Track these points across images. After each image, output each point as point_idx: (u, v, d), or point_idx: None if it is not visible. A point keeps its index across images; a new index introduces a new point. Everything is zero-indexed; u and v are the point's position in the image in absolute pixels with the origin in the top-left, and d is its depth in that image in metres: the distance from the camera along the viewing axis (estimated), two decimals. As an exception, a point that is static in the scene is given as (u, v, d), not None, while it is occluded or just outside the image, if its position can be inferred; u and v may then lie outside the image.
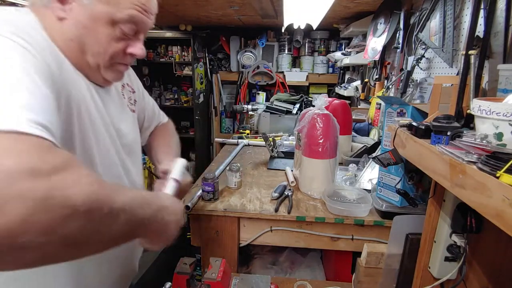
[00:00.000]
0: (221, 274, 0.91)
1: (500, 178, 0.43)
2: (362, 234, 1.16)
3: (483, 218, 0.57)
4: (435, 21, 1.41)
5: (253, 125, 2.80)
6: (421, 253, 0.87)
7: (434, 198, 0.81)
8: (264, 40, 3.71)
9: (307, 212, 1.16)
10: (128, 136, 0.80)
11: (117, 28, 0.64)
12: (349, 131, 1.81)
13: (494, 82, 0.95)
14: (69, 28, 0.61)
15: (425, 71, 1.56)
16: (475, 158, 0.52)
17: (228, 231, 1.18)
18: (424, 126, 0.72)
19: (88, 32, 0.62)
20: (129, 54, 0.69)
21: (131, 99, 0.88)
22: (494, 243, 0.72)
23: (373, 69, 2.33)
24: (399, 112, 1.12)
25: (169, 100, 4.17)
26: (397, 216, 0.94)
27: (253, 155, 1.92)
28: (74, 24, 0.61)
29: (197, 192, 1.24)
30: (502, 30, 0.92)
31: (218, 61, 4.04)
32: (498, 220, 0.43)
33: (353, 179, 1.41)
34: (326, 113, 1.29)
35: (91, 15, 0.61)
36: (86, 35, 0.62)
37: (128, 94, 0.86)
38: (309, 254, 1.49)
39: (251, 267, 1.45)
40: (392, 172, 1.07)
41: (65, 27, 0.61)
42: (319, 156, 1.27)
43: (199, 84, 3.83)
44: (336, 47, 3.70)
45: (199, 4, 2.36)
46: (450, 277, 0.80)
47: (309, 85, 3.94)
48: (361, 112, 2.52)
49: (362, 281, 1.04)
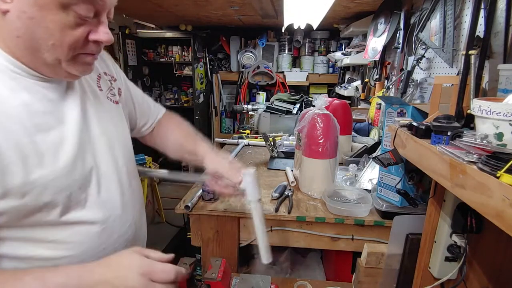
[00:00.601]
0: (221, 274, 0.91)
1: (500, 178, 0.43)
2: (362, 234, 1.16)
3: (483, 218, 0.57)
4: (435, 21, 1.41)
5: (253, 125, 2.80)
6: (421, 253, 0.87)
7: (434, 198, 0.81)
8: (264, 40, 3.71)
9: (307, 212, 1.16)
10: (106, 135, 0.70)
11: (71, 11, 0.52)
12: (349, 131, 1.81)
13: (494, 82, 0.95)
14: (13, 23, 0.51)
15: (425, 71, 1.56)
16: (475, 158, 0.52)
17: (228, 231, 1.18)
18: (424, 126, 0.72)
19: (36, 23, 0.51)
20: (92, 41, 0.58)
21: (113, 89, 0.77)
22: (494, 243, 0.72)
23: (373, 69, 2.33)
24: (399, 112, 1.12)
25: (169, 100, 4.17)
26: (397, 216, 0.94)
27: (253, 155, 1.92)
28: (18, 16, 0.51)
29: (197, 192, 1.24)
30: (502, 30, 0.92)
31: (218, 61, 4.04)
32: (498, 220, 0.43)
33: (353, 179, 1.41)
34: (326, 113, 1.29)
35: (36, 1, 0.50)
36: (35, 27, 0.52)
37: (107, 84, 0.76)
38: (309, 254, 1.49)
39: (251, 267, 1.45)
40: (392, 172, 1.07)
41: (9, 22, 0.51)
42: (319, 156, 1.27)
43: (199, 84, 3.83)
44: (336, 47, 3.70)
45: (199, 4, 2.36)
46: (450, 277, 0.80)
47: (309, 85, 3.94)
48: (361, 112, 2.52)
49: (362, 281, 1.04)
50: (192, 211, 1.16)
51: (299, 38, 3.68)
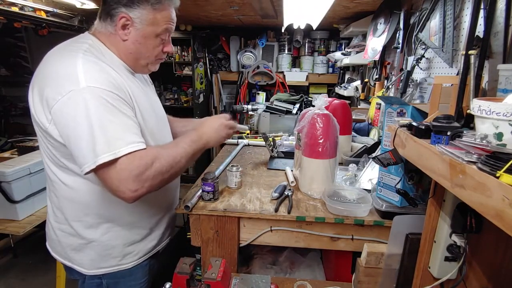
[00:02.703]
0: (221, 274, 0.91)
1: (500, 178, 0.43)
2: (362, 234, 1.16)
3: (483, 218, 0.57)
4: (435, 21, 1.41)
5: (253, 125, 2.80)
6: (421, 253, 0.87)
7: (434, 198, 0.81)
8: (264, 40, 3.71)
9: (307, 212, 1.16)
10: (159, 109, 1.12)
11: (158, 38, 0.95)
12: (349, 131, 1.81)
13: (494, 82, 0.95)
14: (129, 45, 0.93)
15: (425, 71, 1.56)
16: (475, 158, 0.52)
17: (228, 231, 1.18)
18: (424, 126, 0.72)
19: (141, 46, 0.94)
20: (164, 52, 1.00)
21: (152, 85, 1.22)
22: (494, 243, 0.72)
23: (373, 69, 2.33)
24: (399, 112, 1.12)
25: (169, 100, 4.17)
26: (397, 216, 0.94)
27: (253, 155, 1.92)
28: (132, 42, 0.92)
29: (197, 192, 1.24)
30: (502, 30, 0.92)
31: (218, 61, 4.04)
32: (498, 220, 0.43)
33: (353, 179, 1.41)
34: (326, 113, 1.29)
35: (143, 35, 0.92)
36: (141, 47, 0.94)
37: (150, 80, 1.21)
38: (309, 254, 1.49)
39: (251, 267, 1.45)
40: (392, 172, 1.07)
41: (127, 45, 0.93)
42: (319, 156, 1.27)
43: (199, 84, 3.83)
44: (336, 47, 3.70)
45: (199, 4, 2.36)
46: (450, 277, 0.80)
47: (309, 85, 3.94)
48: (361, 112, 2.52)
49: (362, 281, 1.04)
50: (192, 211, 1.16)
51: (299, 38, 3.69)
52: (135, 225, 1.04)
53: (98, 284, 1.04)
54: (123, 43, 0.92)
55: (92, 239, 0.99)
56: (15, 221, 1.84)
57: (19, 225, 1.82)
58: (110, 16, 0.90)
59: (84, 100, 0.78)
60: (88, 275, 1.02)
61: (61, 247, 1.02)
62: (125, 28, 0.90)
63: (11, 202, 1.81)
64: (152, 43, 0.94)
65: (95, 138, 0.78)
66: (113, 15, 0.89)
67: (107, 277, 1.03)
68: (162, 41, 0.96)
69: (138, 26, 0.90)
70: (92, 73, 0.82)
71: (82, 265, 1.01)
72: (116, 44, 0.93)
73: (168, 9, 0.93)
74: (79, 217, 0.97)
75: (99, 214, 0.97)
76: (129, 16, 0.89)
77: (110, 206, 0.97)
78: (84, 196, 0.95)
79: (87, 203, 0.96)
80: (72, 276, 1.08)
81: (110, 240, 1.00)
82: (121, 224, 1.01)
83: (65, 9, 2.66)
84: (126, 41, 0.92)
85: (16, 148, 2.34)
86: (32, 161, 1.93)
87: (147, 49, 0.94)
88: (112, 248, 1.01)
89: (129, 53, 0.94)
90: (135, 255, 1.05)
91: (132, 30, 0.90)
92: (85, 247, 0.99)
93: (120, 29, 0.90)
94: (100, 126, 0.79)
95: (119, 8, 0.88)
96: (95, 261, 1.00)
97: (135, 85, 0.98)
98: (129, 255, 1.04)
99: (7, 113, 4.25)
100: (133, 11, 0.88)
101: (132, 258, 1.05)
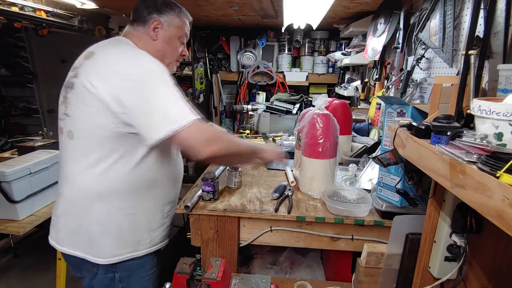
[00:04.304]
0: (221, 274, 0.91)
1: (500, 178, 0.43)
2: (362, 234, 1.16)
3: (483, 218, 0.57)
4: (435, 21, 1.41)
5: (253, 125, 2.80)
6: (421, 253, 0.87)
7: (434, 198, 0.81)
8: (264, 40, 3.70)
9: (307, 212, 1.16)
10: None
11: (180, 40, 1.13)
12: (349, 131, 1.81)
13: (494, 82, 0.95)
14: (158, 44, 1.08)
15: (425, 71, 1.56)
16: (475, 158, 0.52)
17: (228, 231, 1.18)
18: (424, 126, 0.72)
19: (167, 45, 1.10)
20: (182, 55, 1.16)
21: None
22: (494, 243, 0.72)
23: (373, 69, 2.33)
24: (399, 112, 1.12)
25: (169, 100, 4.16)
26: (397, 216, 0.94)
27: (253, 155, 1.92)
28: (161, 42, 1.08)
29: (197, 192, 1.24)
30: (502, 30, 0.92)
31: (218, 61, 4.04)
32: (498, 220, 0.43)
33: (353, 179, 1.41)
34: (326, 113, 1.29)
35: (169, 36, 1.09)
36: (167, 47, 1.10)
37: None
38: (309, 254, 1.49)
39: (251, 267, 1.45)
40: (392, 172, 1.07)
41: (156, 44, 1.08)
42: (319, 156, 1.27)
43: (199, 84, 3.83)
44: (336, 47, 3.70)
45: (199, 4, 2.36)
46: (450, 277, 0.81)
47: (309, 85, 3.93)
48: (361, 112, 2.52)
49: (362, 281, 1.04)
50: (192, 211, 1.16)
51: (299, 38, 3.68)
52: (152, 211, 1.09)
53: (111, 278, 1.04)
54: (153, 42, 1.07)
55: (114, 222, 1.01)
56: (15, 221, 1.84)
57: (19, 225, 1.82)
58: (144, 21, 1.07)
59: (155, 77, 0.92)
60: (103, 265, 1.01)
61: (78, 236, 1.02)
62: (155, 30, 1.07)
63: (11, 202, 1.80)
64: (175, 44, 1.11)
65: (170, 107, 0.91)
66: (147, 20, 1.06)
67: (121, 269, 1.04)
68: (182, 44, 1.15)
69: (166, 28, 1.08)
70: (151, 58, 0.96)
71: (100, 253, 1.01)
72: (147, 43, 1.07)
73: (184, 19, 1.14)
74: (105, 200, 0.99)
75: (124, 198, 1.01)
76: (159, 20, 1.06)
77: (134, 191, 1.02)
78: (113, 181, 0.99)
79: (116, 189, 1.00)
80: (79, 273, 1.07)
81: (130, 225, 1.04)
82: (141, 211, 1.06)
83: (65, 9, 2.67)
84: (155, 40, 1.07)
85: (16, 148, 2.34)
86: (32, 161, 1.93)
87: (171, 48, 1.11)
88: (131, 234, 1.04)
89: (157, 50, 1.07)
90: (148, 242, 1.09)
91: (161, 31, 1.07)
92: (105, 234, 1.01)
93: (152, 30, 1.06)
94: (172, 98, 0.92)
95: (152, 14, 1.07)
96: (113, 248, 1.02)
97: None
98: (143, 242, 1.07)
99: (7, 113, 4.25)
100: (162, 16, 1.07)
101: (144, 246, 1.08)
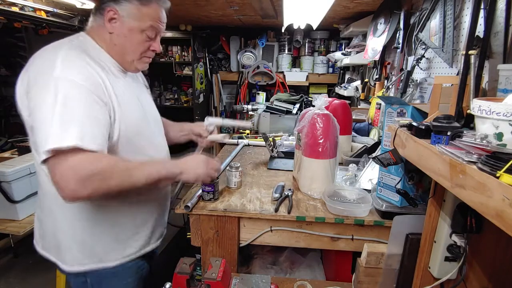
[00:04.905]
0: (221, 274, 0.91)
1: (500, 178, 0.43)
2: (362, 234, 1.16)
3: (483, 218, 0.57)
4: (435, 21, 1.41)
5: (253, 125, 2.80)
6: (421, 253, 0.87)
7: (434, 198, 0.81)
8: (264, 40, 3.71)
9: (307, 212, 1.16)
10: (151, 110, 1.13)
11: (144, 34, 0.97)
12: (349, 131, 1.81)
13: (494, 82, 0.95)
14: (114, 38, 0.96)
15: (425, 71, 1.56)
16: (475, 158, 0.52)
17: (228, 231, 1.18)
18: (424, 126, 0.72)
19: (126, 39, 0.96)
20: (151, 50, 1.02)
21: (148, 89, 1.24)
22: (494, 243, 0.72)
23: (373, 69, 2.33)
24: (399, 112, 1.12)
25: (169, 100, 4.17)
26: (397, 216, 0.94)
27: (253, 155, 1.92)
28: (118, 35, 0.95)
29: (197, 192, 1.24)
30: (502, 30, 0.92)
31: (218, 61, 4.04)
32: (498, 220, 0.43)
33: (353, 179, 1.41)
34: (326, 113, 1.29)
35: (128, 28, 0.95)
36: (126, 41, 0.96)
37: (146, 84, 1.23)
38: (309, 254, 1.49)
39: (251, 267, 1.45)
40: (392, 172, 1.07)
41: (113, 37, 0.96)
42: (319, 156, 1.27)
43: (199, 84, 3.83)
44: (336, 47, 3.70)
45: (199, 4, 2.36)
46: (450, 277, 0.80)
47: (309, 85, 3.94)
48: (361, 112, 2.52)
49: (362, 281, 1.04)
50: (192, 211, 1.16)
51: (299, 38, 3.69)
52: (118, 222, 1.01)
53: (83, 281, 1.01)
54: (109, 35, 0.95)
55: (75, 233, 0.97)
56: (15, 221, 1.84)
57: (19, 225, 1.82)
58: (100, 10, 0.95)
59: (55, 89, 0.80)
60: (72, 272, 0.99)
61: (48, 241, 1.01)
62: (112, 21, 0.94)
63: (11, 202, 1.81)
64: (136, 38, 0.96)
65: (52, 126, 0.78)
66: (102, 8, 0.94)
67: (91, 276, 1.00)
68: (149, 39, 0.98)
69: (124, 19, 0.94)
70: (70, 65, 0.84)
71: (66, 260, 0.98)
72: (103, 36, 0.96)
73: (155, 7, 0.97)
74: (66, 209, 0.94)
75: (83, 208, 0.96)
76: (115, 10, 0.93)
77: (94, 202, 0.95)
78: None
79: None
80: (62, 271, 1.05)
81: (93, 236, 0.98)
82: (105, 220, 0.99)
83: (65, 9, 2.67)
84: (112, 33, 0.95)
85: (16, 148, 2.34)
86: (32, 161, 1.93)
87: (131, 43, 0.96)
88: (96, 245, 0.98)
89: (114, 44, 0.96)
90: (119, 253, 1.02)
91: (118, 23, 0.94)
92: (70, 242, 0.97)
93: (107, 21, 0.94)
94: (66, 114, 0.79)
95: (108, 2, 0.93)
96: (78, 258, 0.98)
97: (123, 83, 0.99)
98: (112, 253, 1.01)
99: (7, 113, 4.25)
100: (120, 5, 0.93)
101: (114, 257, 1.01)
